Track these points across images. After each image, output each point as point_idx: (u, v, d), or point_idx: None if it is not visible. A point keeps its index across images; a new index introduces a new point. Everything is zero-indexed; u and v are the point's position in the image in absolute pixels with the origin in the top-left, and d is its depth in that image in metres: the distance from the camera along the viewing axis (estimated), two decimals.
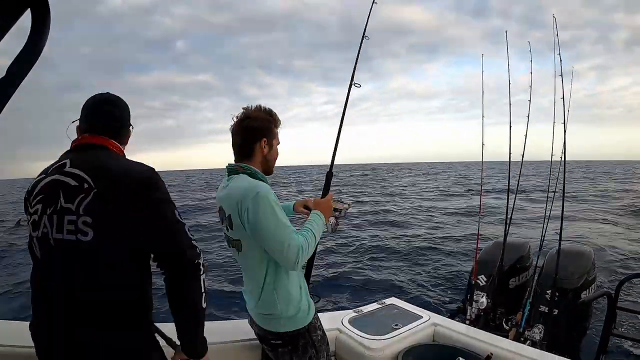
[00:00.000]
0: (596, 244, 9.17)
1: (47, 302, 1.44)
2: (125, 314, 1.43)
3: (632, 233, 11.04)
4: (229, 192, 1.83)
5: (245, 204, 1.71)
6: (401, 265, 8.34)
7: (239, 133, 1.90)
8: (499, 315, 3.49)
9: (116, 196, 1.36)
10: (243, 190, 1.75)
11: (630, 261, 8.33)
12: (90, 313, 1.39)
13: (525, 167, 4.27)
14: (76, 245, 1.35)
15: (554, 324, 3.38)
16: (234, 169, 1.89)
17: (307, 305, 1.94)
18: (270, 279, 1.84)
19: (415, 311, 2.94)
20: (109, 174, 1.39)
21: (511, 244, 4.05)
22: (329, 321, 2.62)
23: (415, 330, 2.65)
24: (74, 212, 1.35)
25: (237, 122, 1.91)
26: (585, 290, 3.60)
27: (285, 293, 1.85)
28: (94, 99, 1.54)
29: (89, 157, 1.44)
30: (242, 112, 1.90)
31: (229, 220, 1.81)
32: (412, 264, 8.48)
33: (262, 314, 1.92)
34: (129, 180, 1.39)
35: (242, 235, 1.79)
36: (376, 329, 2.63)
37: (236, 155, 1.94)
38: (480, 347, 2.47)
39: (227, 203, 1.83)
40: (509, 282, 3.82)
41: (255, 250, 1.80)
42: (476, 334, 2.67)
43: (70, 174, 1.39)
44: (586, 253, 4.01)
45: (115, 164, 1.44)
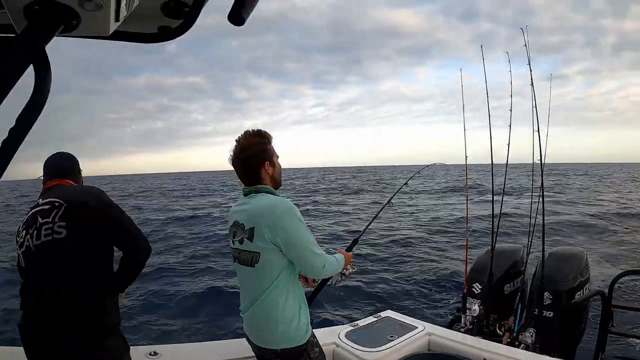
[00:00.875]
0: (588, 244, 9.26)
1: (28, 302, 1.84)
2: (98, 318, 1.84)
3: (623, 232, 11.14)
4: (253, 207, 1.91)
5: (278, 217, 1.83)
6: (398, 277, 8.37)
7: (241, 166, 1.98)
8: (492, 321, 3.52)
9: (82, 207, 1.86)
10: (273, 205, 1.88)
11: (623, 259, 8.42)
12: (65, 313, 1.77)
13: (509, 170, 4.31)
14: (52, 243, 1.78)
15: (549, 326, 3.41)
16: (254, 190, 1.97)
17: (306, 324, 1.96)
18: (273, 294, 1.88)
19: (410, 322, 2.99)
20: (74, 193, 1.94)
21: (504, 250, 4.10)
22: (326, 336, 2.66)
23: (411, 341, 2.70)
24: (50, 222, 1.81)
25: (235, 157, 1.97)
26: (579, 290, 3.63)
27: (285, 309, 1.89)
28: (51, 159, 2.10)
29: (55, 191, 1.95)
30: (236, 146, 1.97)
31: (250, 232, 1.88)
32: (408, 274, 8.50)
33: (259, 331, 1.95)
34: (89, 195, 1.94)
35: (264, 247, 1.85)
36: (372, 341, 2.67)
37: (246, 184, 2.01)
38: (474, 353, 2.52)
39: (250, 217, 1.91)
40: (504, 288, 3.84)
41: (271, 263, 1.87)
42: (470, 341, 2.73)
43: (44, 202, 1.88)
44: (578, 254, 4.05)
45: (77, 188, 2.06)
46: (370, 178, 56.71)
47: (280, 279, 1.88)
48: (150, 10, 0.84)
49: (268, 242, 1.83)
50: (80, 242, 1.83)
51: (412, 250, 11.02)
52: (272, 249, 1.84)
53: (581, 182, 36.86)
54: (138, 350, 2.36)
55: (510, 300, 3.80)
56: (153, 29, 0.91)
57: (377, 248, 11.38)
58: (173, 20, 0.89)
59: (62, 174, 2.07)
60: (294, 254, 1.87)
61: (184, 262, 11.06)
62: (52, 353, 1.77)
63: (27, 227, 1.85)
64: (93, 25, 0.68)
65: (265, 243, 1.83)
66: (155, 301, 7.60)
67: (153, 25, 0.90)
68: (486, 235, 5.99)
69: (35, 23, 0.61)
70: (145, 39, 0.91)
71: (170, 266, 10.63)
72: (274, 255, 1.85)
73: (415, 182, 35.98)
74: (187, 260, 11.29)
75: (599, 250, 8.99)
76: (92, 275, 1.85)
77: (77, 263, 1.82)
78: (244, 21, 0.72)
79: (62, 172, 2.08)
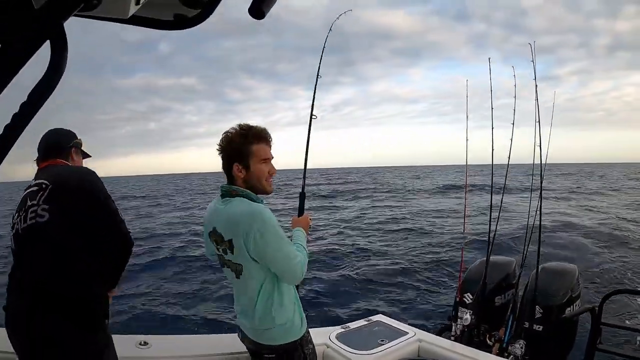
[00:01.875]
0: (581, 259, 9.29)
1: (12, 285, 1.82)
2: (84, 309, 1.79)
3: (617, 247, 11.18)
4: (228, 216, 1.83)
5: (253, 229, 1.73)
6: (389, 281, 8.37)
7: (225, 160, 1.90)
8: (483, 331, 3.54)
9: (66, 189, 1.84)
10: (247, 215, 1.76)
11: (615, 277, 8.45)
12: (48, 298, 1.73)
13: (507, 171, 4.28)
14: (34, 226, 1.76)
15: (539, 340, 3.43)
16: (228, 192, 1.88)
17: (300, 319, 1.98)
18: (266, 297, 1.87)
19: (401, 327, 2.99)
20: (60, 176, 1.91)
21: (497, 262, 4.11)
22: (317, 336, 2.65)
23: (401, 346, 2.70)
24: (35, 205, 1.79)
25: (221, 149, 1.89)
26: (569, 306, 3.65)
27: (281, 308, 1.88)
28: (42, 138, 2.05)
29: (46, 172, 1.94)
30: (222, 136, 1.88)
31: (229, 244, 1.81)
32: (399, 280, 8.51)
33: (254, 326, 1.94)
34: (75, 176, 1.92)
35: (244, 259, 1.81)
36: (362, 344, 2.67)
37: (228, 181, 1.93)
38: None
39: (226, 227, 1.83)
40: (495, 299, 3.86)
41: (255, 272, 1.84)
42: (460, 349, 2.73)
43: (35, 184, 1.87)
44: (570, 270, 4.08)
45: (64, 169, 2.01)
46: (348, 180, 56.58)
47: (267, 283, 1.87)
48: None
49: (246, 255, 1.78)
50: (67, 226, 1.79)
51: (403, 256, 11.03)
52: (251, 261, 1.80)
53: (570, 184, 36.64)
54: (128, 339, 2.36)
55: (501, 312, 3.81)
56: (169, 17, 0.91)
57: (369, 252, 11.40)
58: (190, 10, 0.89)
59: (53, 153, 2.04)
60: (273, 267, 1.82)
61: (176, 254, 11.07)
62: (36, 341, 1.72)
63: (19, 210, 1.85)
64: (113, 7, 0.68)
65: (244, 256, 1.80)
66: (147, 291, 7.60)
67: (169, 13, 0.91)
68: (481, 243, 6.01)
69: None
70: (160, 26, 0.92)
71: (161, 258, 10.63)
72: (256, 265, 1.82)
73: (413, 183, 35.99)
74: (179, 252, 11.29)
75: (590, 266, 9.02)
76: (80, 261, 1.80)
77: (61, 248, 1.78)
78: (264, 15, 0.72)
79: (52, 152, 2.04)
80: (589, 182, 41.01)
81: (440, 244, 12.33)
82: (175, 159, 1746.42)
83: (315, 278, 8.16)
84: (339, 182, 50.94)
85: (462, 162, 4.48)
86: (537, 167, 3.97)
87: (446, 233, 14.28)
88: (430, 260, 10.24)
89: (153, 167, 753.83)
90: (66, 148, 2.09)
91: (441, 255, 10.74)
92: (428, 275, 8.92)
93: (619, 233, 13.46)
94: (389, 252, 11.46)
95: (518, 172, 15.60)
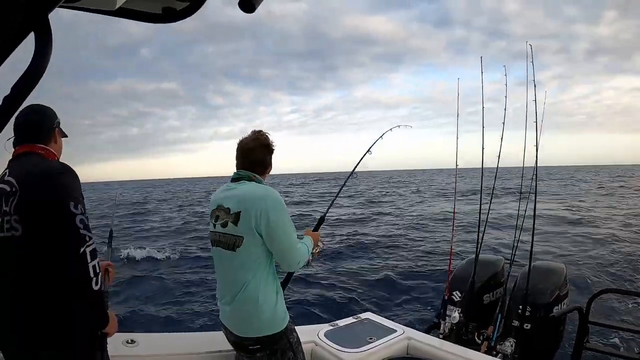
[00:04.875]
0: (570, 259, 9.38)
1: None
2: (54, 325, 1.56)
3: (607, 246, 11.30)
4: (242, 193, 1.94)
5: (268, 205, 1.87)
6: (377, 280, 8.38)
7: (257, 148, 2.06)
8: (471, 330, 3.55)
9: (34, 195, 1.54)
10: (263, 194, 1.91)
11: (603, 276, 8.54)
12: (21, 316, 1.54)
13: (491, 174, 4.31)
14: (10, 240, 1.53)
15: (527, 338, 3.45)
16: (247, 176, 2.01)
17: (283, 310, 2.00)
18: (254, 280, 1.89)
19: (390, 325, 2.99)
20: (29, 178, 1.58)
21: (486, 261, 4.12)
22: (305, 334, 2.65)
23: (390, 344, 2.70)
24: (8, 213, 1.55)
25: (255, 139, 2.07)
26: (557, 305, 3.68)
27: (265, 296, 1.91)
28: (18, 116, 1.71)
29: (19, 165, 1.65)
30: (253, 132, 2.09)
31: (236, 217, 1.89)
32: (388, 279, 8.52)
33: (241, 320, 1.95)
34: (43, 180, 1.57)
35: (248, 232, 1.87)
36: (351, 342, 2.66)
37: (249, 167, 2.05)
38: None
39: (238, 202, 1.92)
40: (483, 297, 3.87)
41: (253, 248, 1.88)
42: (449, 347, 2.74)
43: (6, 181, 1.59)
44: (558, 269, 4.10)
45: (35, 167, 1.62)
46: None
47: (260, 265, 1.91)
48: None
49: (253, 228, 1.85)
50: (37, 243, 1.52)
51: (393, 253, 11.06)
52: (255, 235, 1.86)
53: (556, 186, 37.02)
54: (115, 337, 2.32)
55: (489, 310, 3.83)
56: (157, 9, 0.89)
57: (357, 249, 11.42)
58: (178, 2, 0.87)
59: (34, 135, 1.72)
60: (276, 246, 1.90)
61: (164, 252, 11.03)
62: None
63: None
64: None
65: (250, 229, 1.86)
66: (134, 289, 7.55)
67: (158, 5, 0.88)
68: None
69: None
70: (148, 19, 0.89)
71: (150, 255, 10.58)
72: (257, 241, 1.87)
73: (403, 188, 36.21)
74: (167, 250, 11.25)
75: (579, 266, 9.11)
76: (48, 286, 1.54)
77: (32, 268, 1.52)
78: (255, 8, 0.71)
79: (33, 134, 1.72)
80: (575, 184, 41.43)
81: (429, 242, 12.40)
82: (160, 164, 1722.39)
83: (302, 277, 8.15)
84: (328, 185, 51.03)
85: (445, 166, 4.51)
86: (529, 168, 4.01)
87: (435, 233, 14.36)
88: (419, 259, 10.29)
89: (136, 173, 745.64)
90: (50, 129, 1.78)
91: (430, 253, 10.79)
92: (416, 273, 8.95)
93: (604, 232, 13.62)
94: (376, 250, 11.49)
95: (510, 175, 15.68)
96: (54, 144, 1.79)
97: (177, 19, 0.89)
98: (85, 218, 1.58)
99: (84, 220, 1.56)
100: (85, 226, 1.56)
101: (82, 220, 1.55)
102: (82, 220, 1.56)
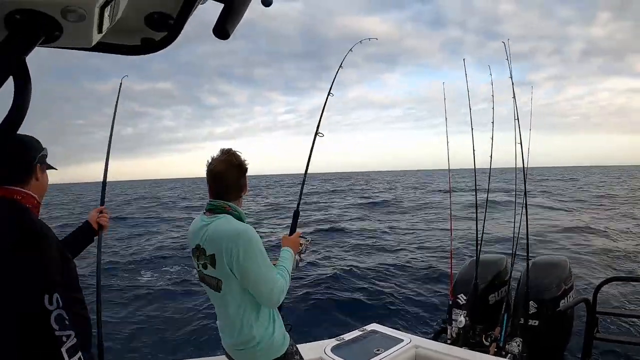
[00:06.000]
0: (572, 251, 9.39)
1: None
2: None
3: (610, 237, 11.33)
4: (214, 232, 1.84)
5: (237, 247, 1.76)
6: (381, 288, 8.34)
7: (228, 171, 1.90)
8: (479, 332, 3.53)
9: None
10: (234, 233, 1.79)
11: (608, 265, 8.55)
12: None
13: (485, 175, 4.33)
14: None
15: (536, 335, 3.43)
16: (221, 207, 1.90)
17: (281, 334, 1.96)
18: (246, 315, 1.86)
19: (396, 335, 2.97)
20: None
21: (488, 261, 4.12)
22: (311, 351, 2.63)
23: (398, 354, 2.68)
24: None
25: (225, 160, 1.89)
26: (563, 298, 3.67)
27: (261, 332, 1.88)
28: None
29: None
30: (222, 151, 1.92)
31: (212, 259, 1.83)
32: (391, 285, 8.48)
33: (238, 349, 1.93)
34: (6, 247, 1.21)
35: (225, 275, 1.82)
36: (359, 355, 2.65)
37: (223, 194, 1.92)
38: None
39: (210, 243, 1.84)
40: (489, 298, 3.86)
41: (234, 289, 1.84)
42: (457, 352, 2.72)
43: None
44: (561, 263, 4.10)
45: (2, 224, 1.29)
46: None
47: (246, 300, 1.86)
48: (134, 22, 0.83)
49: (228, 270, 1.79)
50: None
51: (395, 260, 11.02)
52: (232, 276, 1.81)
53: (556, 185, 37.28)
54: None
55: (495, 311, 3.81)
56: (136, 41, 0.89)
57: (359, 259, 11.37)
58: (157, 33, 0.87)
59: (8, 175, 1.39)
60: (250, 287, 1.82)
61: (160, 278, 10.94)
62: None
63: None
64: (75, 36, 0.67)
65: (225, 271, 1.80)
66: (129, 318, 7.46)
67: (136, 38, 0.89)
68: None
69: (16, 33, 0.58)
70: (128, 51, 0.90)
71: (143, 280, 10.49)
72: (236, 282, 1.82)
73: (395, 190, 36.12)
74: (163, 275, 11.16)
75: (582, 258, 9.11)
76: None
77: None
78: (229, 35, 0.71)
79: (9, 173, 1.39)
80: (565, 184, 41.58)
81: (429, 248, 12.38)
82: (156, 164, 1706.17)
83: (304, 290, 8.09)
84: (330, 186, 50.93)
85: (437, 167, 4.55)
86: (520, 169, 4.03)
87: (434, 236, 14.34)
88: (421, 264, 10.25)
89: (131, 173, 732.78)
90: (29, 168, 1.44)
91: (431, 259, 10.76)
92: (419, 279, 8.91)
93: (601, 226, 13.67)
94: (376, 259, 11.44)
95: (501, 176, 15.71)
96: (34, 181, 1.45)
97: (157, 49, 0.89)
98: (63, 311, 1.15)
99: (61, 316, 1.15)
100: (62, 324, 1.14)
101: (58, 318, 1.14)
102: (60, 316, 1.15)
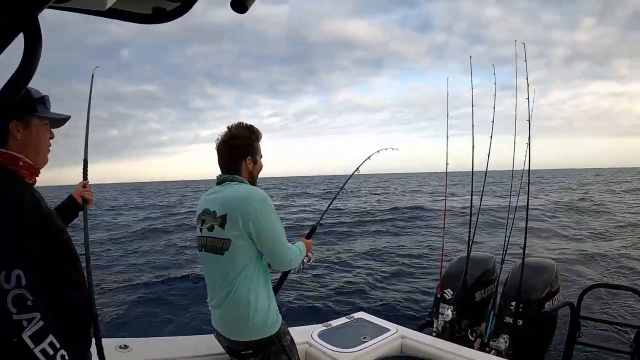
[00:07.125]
0: (560, 255, 9.46)
1: None
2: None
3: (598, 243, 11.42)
4: (227, 195, 1.91)
5: (254, 205, 1.83)
6: (369, 280, 8.39)
7: (225, 153, 2.00)
8: (464, 327, 3.56)
9: None
10: (248, 194, 1.89)
11: (592, 271, 8.63)
12: None
13: (479, 177, 4.38)
14: None
15: (519, 334, 3.47)
16: (229, 178, 1.98)
17: (275, 313, 1.97)
18: (243, 283, 1.86)
19: (383, 324, 3.00)
20: None
21: (477, 258, 4.15)
22: (299, 335, 2.64)
23: (384, 343, 2.70)
24: None
25: (223, 142, 2.00)
26: (549, 301, 3.70)
27: (256, 298, 1.88)
28: None
29: None
30: (225, 132, 2.00)
31: (222, 219, 1.86)
32: (380, 277, 8.54)
33: (232, 324, 1.93)
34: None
35: (236, 234, 1.84)
36: (345, 342, 2.66)
37: (224, 171, 2.02)
38: (446, 358, 2.54)
39: (222, 205, 1.90)
40: (475, 294, 3.89)
41: (241, 250, 1.85)
42: (442, 345, 2.75)
43: None
44: (549, 265, 4.13)
45: None
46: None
47: (250, 267, 1.87)
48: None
49: (240, 230, 1.82)
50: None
51: (384, 252, 11.08)
52: (243, 237, 1.83)
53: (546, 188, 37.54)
54: (108, 342, 2.30)
55: (481, 307, 3.85)
56: (148, 10, 0.88)
57: (349, 250, 11.43)
58: (170, 3, 0.86)
59: None
60: (266, 245, 1.87)
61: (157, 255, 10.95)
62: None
63: None
64: None
65: (237, 231, 1.83)
66: (125, 295, 7.49)
67: (148, 6, 0.88)
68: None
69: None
70: (138, 19, 0.89)
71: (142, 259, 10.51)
72: (245, 243, 1.85)
73: None
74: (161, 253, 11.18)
75: (569, 261, 9.19)
76: None
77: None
78: (247, 9, 0.70)
79: None
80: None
81: (420, 243, 12.45)
82: (140, 167, 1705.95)
83: (294, 279, 8.14)
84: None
85: (429, 169, 4.59)
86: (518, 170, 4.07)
87: (425, 233, 14.43)
88: (410, 258, 10.32)
89: (115, 176, 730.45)
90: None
91: (421, 253, 10.83)
92: (408, 272, 8.98)
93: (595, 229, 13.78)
94: (368, 250, 11.50)
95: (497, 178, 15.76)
96: (13, 140, 1.27)
97: (168, 19, 0.88)
98: (25, 291, 1.02)
99: (22, 296, 1.02)
100: (22, 305, 1.01)
101: (17, 298, 1.01)
102: (19, 296, 1.01)
